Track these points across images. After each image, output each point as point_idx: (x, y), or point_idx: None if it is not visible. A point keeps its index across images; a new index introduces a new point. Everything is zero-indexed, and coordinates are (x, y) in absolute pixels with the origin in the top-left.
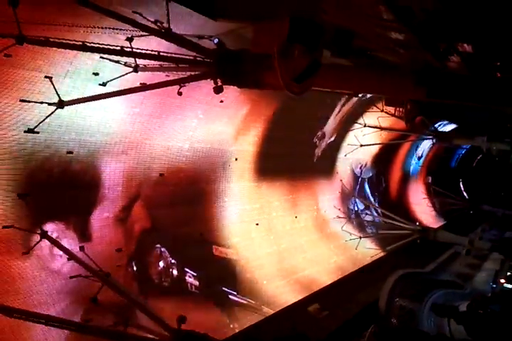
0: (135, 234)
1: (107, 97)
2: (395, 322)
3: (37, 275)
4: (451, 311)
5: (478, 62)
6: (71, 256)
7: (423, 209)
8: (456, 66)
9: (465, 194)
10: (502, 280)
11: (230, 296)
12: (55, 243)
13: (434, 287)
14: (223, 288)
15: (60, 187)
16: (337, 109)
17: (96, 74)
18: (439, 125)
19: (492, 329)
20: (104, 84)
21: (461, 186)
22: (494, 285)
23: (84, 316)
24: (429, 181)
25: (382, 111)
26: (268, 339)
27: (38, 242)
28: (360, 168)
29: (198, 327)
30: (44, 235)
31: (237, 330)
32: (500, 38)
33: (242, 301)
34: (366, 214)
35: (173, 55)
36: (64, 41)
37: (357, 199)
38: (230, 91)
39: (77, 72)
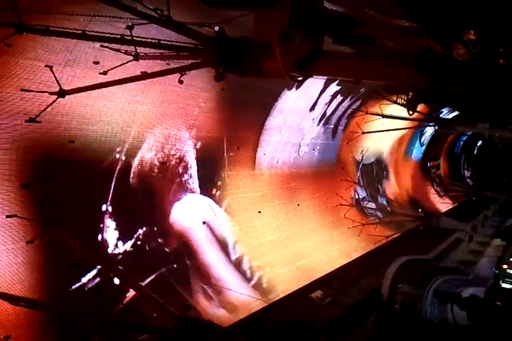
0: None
1: (108, 86)
2: (398, 309)
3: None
4: (454, 297)
5: (481, 49)
6: (75, 244)
7: (426, 195)
8: (459, 53)
9: (468, 180)
10: (505, 266)
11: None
12: (58, 232)
13: (437, 273)
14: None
15: (62, 176)
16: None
17: (96, 62)
18: (442, 112)
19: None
20: (104, 73)
21: (464, 173)
22: (497, 271)
23: None
24: (432, 168)
25: (384, 98)
26: (271, 326)
27: (42, 231)
28: (362, 154)
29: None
30: (48, 224)
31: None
32: (504, 25)
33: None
34: (369, 201)
35: (174, 43)
36: (64, 30)
37: (359, 187)
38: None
39: (78, 61)
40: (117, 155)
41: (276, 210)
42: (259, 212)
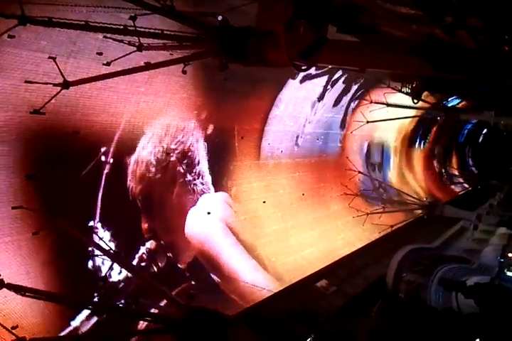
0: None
1: (112, 77)
2: (403, 297)
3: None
4: (458, 286)
5: (486, 36)
6: (80, 235)
7: (430, 183)
8: (464, 40)
9: (473, 169)
10: (510, 255)
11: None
12: (63, 223)
13: (442, 262)
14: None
15: (67, 167)
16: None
17: (100, 53)
18: (447, 100)
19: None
20: (108, 64)
21: (469, 161)
22: (502, 260)
23: None
24: (437, 156)
25: (388, 86)
26: (276, 316)
27: (46, 222)
28: (367, 143)
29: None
30: (52, 215)
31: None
32: (509, 12)
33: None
34: (373, 190)
35: (177, 33)
36: (67, 21)
37: (364, 176)
38: None
39: (81, 52)
40: (122, 146)
41: (281, 200)
42: (264, 202)
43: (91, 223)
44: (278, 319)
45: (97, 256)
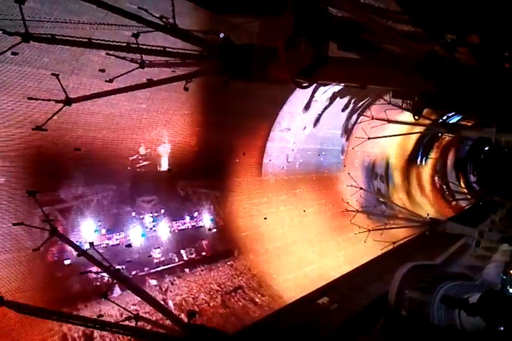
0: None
1: (114, 94)
2: (405, 315)
3: (47, 271)
4: (461, 303)
5: (487, 53)
6: (81, 252)
7: (433, 200)
8: (464, 57)
9: (474, 185)
10: None
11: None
12: (64, 239)
13: (444, 279)
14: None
15: (69, 183)
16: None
17: (102, 70)
18: (448, 117)
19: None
20: (110, 81)
21: (471, 177)
22: (504, 277)
23: None
24: (439, 172)
25: (389, 103)
26: (277, 333)
27: (48, 239)
28: (368, 160)
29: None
30: (54, 232)
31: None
32: (508, 28)
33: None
34: (375, 206)
35: (179, 51)
36: (70, 38)
37: (365, 192)
38: None
39: (84, 69)
40: (124, 162)
41: (282, 216)
42: (265, 218)
43: (91, 239)
44: (279, 336)
45: (97, 273)
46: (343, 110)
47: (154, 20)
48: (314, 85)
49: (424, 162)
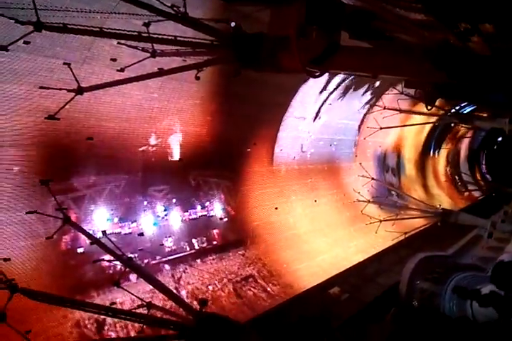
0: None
1: (125, 83)
2: (416, 305)
3: (60, 259)
4: (473, 294)
5: (501, 43)
6: (94, 240)
7: (445, 191)
8: (479, 46)
9: (488, 176)
10: None
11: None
12: (77, 228)
13: (456, 270)
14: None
15: (81, 172)
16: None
17: (114, 60)
18: (461, 107)
19: None
20: (122, 70)
21: (484, 168)
22: None
23: None
24: (451, 163)
25: (401, 93)
26: (287, 323)
27: (60, 227)
28: (381, 150)
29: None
30: (67, 220)
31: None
32: None
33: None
34: (386, 197)
35: (190, 40)
36: (81, 27)
37: (377, 182)
38: None
39: (95, 58)
40: (135, 152)
41: (293, 206)
42: (276, 208)
43: (104, 227)
44: (290, 326)
45: (110, 261)
46: (354, 100)
47: (165, 9)
48: (327, 75)
49: (436, 152)
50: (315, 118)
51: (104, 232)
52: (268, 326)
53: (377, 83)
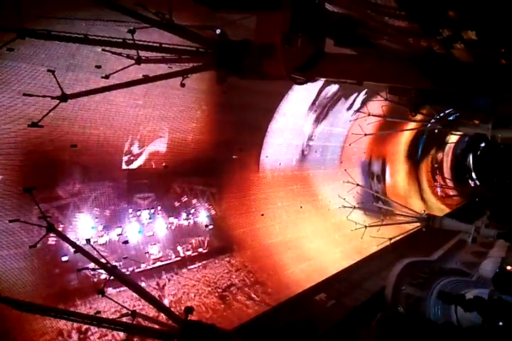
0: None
1: (110, 90)
2: (402, 310)
3: (44, 268)
4: (458, 299)
5: (484, 50)
6: (78, 248)
7: (429, 196)
8: (462, 53)
9: (471, 181)
10: (509, 268)
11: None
12: (61, 236)
13: (441, 275)
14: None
15: (65, 180)
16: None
17: (98, 67)
18: (444, 113)
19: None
20: (106, 77)
21: (467, 173)
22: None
23: None
24: (436, 169)
25: (386, 99)
26: (274, 329)
27: (44, 236)
28: (365, 157)
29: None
30: (51, 229)
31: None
32: (505, 25)
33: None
34: (371, 202)
35: (175, 47)
36: (66, 34)
37: (362, 188)
38: None
39: (80, 65)
40: (120, 159)
41: (279, 212)
42: (262, 214)
43: (88, 235)
44: (276, 333)
45: (94, 269)
46: (340, 106)
47: (151, 16)
48: (314, 82)
49: (420, 158)
50: (300, 125)
51: (88, 240)
52: (254, 333)
53: (364, 90)
